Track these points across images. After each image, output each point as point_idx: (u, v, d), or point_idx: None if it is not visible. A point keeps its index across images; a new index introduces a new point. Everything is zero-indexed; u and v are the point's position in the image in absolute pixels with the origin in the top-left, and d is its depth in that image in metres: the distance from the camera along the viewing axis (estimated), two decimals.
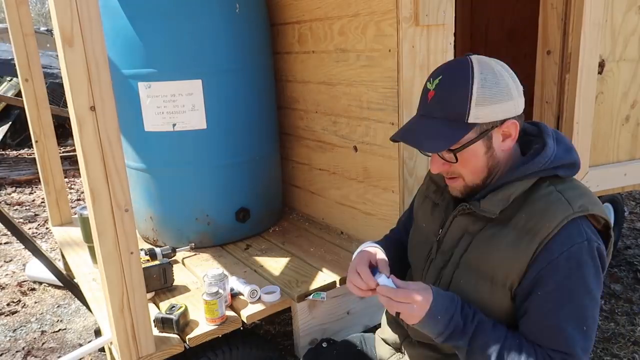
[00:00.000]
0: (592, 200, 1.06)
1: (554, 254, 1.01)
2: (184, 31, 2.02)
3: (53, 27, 1.24)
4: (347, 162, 2.22)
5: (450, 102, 1.05)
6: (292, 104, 2.52)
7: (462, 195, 1.15)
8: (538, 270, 1.02)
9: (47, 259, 2.38)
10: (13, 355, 2.45)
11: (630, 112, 2.42)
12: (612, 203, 3.06)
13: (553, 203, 1.04)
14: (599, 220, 1.07)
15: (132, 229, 1.40)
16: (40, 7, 25.78)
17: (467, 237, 1.14)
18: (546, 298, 1.03)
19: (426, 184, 1.35)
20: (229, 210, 2.26)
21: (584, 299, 1.03)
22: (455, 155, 1.07)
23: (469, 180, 1.12)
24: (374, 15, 1.86)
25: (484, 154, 1.08)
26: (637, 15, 2.28)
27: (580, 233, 1.02)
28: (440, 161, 1.11)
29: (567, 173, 1.10)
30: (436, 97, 1.07)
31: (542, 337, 1.04)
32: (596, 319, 1.06)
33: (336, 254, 2.11)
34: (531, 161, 1.08)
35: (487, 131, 1.06)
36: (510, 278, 1.05)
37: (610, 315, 2.55)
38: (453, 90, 1.05)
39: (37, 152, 2.59)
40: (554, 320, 1.03)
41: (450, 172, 1.13)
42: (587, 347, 1.04)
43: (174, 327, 1.58)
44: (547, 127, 1.17)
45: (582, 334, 1.03)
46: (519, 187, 1.07)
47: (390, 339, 1.38)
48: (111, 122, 1.31)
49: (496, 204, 1.08)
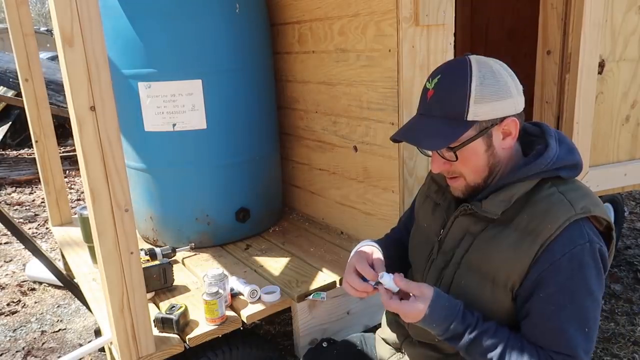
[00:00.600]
0: (594, 201, 1.06)
1: (556, 255, 1.01)
2: (184, 31, 2.02)
3: (53, 27, 1.24)
4: (347, 162, 2.22)
5: (449, 100, 1.05)
6: (292, 104, 2.52)
7: (464, 195, 1.15)
8: (539, 271, 1.02)
9: (47, 259, 2.38)
10: (13, 355, 2.45)
11: (630, 112, 2.42)
12: (612, 203, 3.06)
13: (555, 204, 1.04)
14: (601, 221, 1.07)
15: (132, 229, 1.40)
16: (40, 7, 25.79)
17: (469, 238, 1.13)
18: (548, 300, 1.02)
19: (427, 184, 1.35)
20: (229, 210, 2.26)
21: (585, 300, 1.02)
22: (455, 154, 1.07)
23: (470, 179, 1.12)
24: (374, 15, 1.86)
25: (484, 152, 1.08)
26: (637, 15, 2.28)
27: (582, 234, 1.02)
28: (440, 160, 1.11)
29: (570, 174, 1.10)
30: (435, 96, 1.07)
31: (544, 339, 1.04)
32: (597, 320, 1.06)
33: (336, 254, 2.11)
34: (533, 162, 1.08)
35: (486, 129, 1.06)
36: (511, 279, 1.05)
37: (610, 315, 2.55)
38: (452, 89, 1.05)
39: (37, 152, 2.59)
40: (555, 321, 1.02)
41: (451, 171, 1.13)
42: (588, 349, 1.04)
43: (174, 327, 1.58)
44: (549, 127, 1.17)
45: (583, 335, 1.03)
46: (521, 188, 1.07)
47: (391, 338, 1.38)
48: (111, 122, 1.31)
49: (498, 205, 1.07)
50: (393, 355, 1.38)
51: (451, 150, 1.07)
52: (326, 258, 2.07)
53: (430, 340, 1.23)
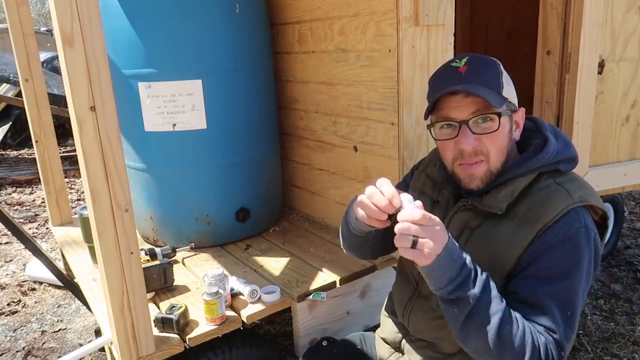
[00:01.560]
0: (591, 191, 1.08)
1: (550, 236, 1.02)
2: (184, 31, 2.02)
3: (53, 27, 1.24)
4: (347, 162, 2.22)
5: (486, 74, 1.08)
6: (292, 104, 2.52)
7: (483, 184, 1.11)
8: (533, 251, 1.03)
9: (47, 259, 2.38)
10: (13, 355, 2.45)
11: (631, 112, 2.42)
12: (612, 203, 3.06)
13: (553, 193, 1.06)
14: (597, 211, 1.08)
15: (132, 229, 1.40)
16: (40, 7, 25.78)
17: (467, 232, 1.14)
18: (536, 274, 1.02)
19: (422, 180, 1.33)
20: (229, 210, 2.26)
21: (574, 282, 1.01)
22: (499, 120, 1.06)
23: (493, 162, 1.09)
24: (374, 15, 1.86)
25: (508, 133, 1.10)
26: (637, 15, 2.28)
27: (579, 219, 1.03)
28: (472, 136, 1.07)
29: (567, 167, 1.12)
30: (471, 70, 1.08)
31: (527, 313, 1.00)
32: (579, 311, 1.03)
33: (336, 254, 2.11)
34: (535, 157, 1.10)
35: (511, 111, 1.11)
36: (507, 265, 1.05)
37: (610, 315, 2.55)
38: (486, 66, 1.10)
39: (37, 152, 2.59)
40: (540, 295, 1.00)
41: (479, 150, 1.08)
42: (569, 335, 1.01)
43: (174, 327, 1.58)
44: (543, 122, 1.19)
45: (565, 317, 1.00)
46: (522, 182, 1.09)
47: (390, 338, 1.38)
48: (111, 122, 1.31)
49: (502, 200, 1.08)
50: (392, 354, 1.38)
51: (496, 117, 1.06)
52: (326, 258, 2.07)
53: (429, 338, 1.23)
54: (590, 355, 2.26)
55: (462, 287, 0.95)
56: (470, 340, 0.99)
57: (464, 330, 0.98)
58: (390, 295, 1.44)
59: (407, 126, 1.85)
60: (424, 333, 1.24)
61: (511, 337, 0.95)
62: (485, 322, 0.95)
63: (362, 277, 1.94)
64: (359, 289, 1.96)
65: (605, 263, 3.08)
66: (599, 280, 2.89)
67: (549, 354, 0.97)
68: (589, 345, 2.32)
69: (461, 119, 1.07)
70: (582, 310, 2.57)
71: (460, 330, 0.99)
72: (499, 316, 0.95)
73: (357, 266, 1.94)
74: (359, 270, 1.92)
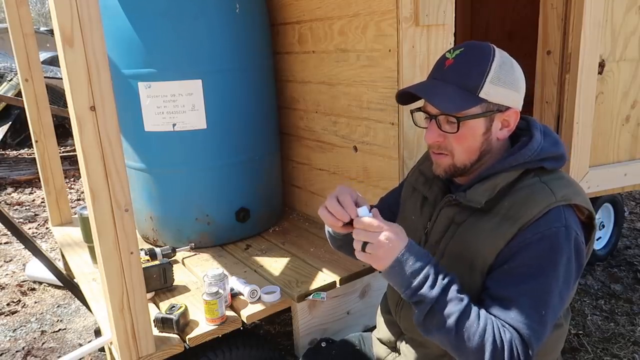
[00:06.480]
0: (576, 190, 1.07)
1: (528, 234, 1.02)
2: (184, 31, 2.02)
3: (53, 27, 1.24)
4: (347, 162, 2.22)
5: (467, 71, 1.07)
6: (292, 104, 2.52)
7: (446, 174, 1.15)
8: (511, 248, 1.03)
9: (47, 259, 2.38)
10: (13, 355, 2.45)
11: (631, 112, 2.42)
12: (612, 203, 3.06)
13: (536, 192, 1.06)
14: (583, 211, 1.07)
15: (132, 229, 1.40)
16: (40, 7, 25.78)
17: (453, 227, 1.14)
18: (510, 271, 1.02)
19: (415, 175, 1.34)
20: (229, 210, 2.26)
21: (549, 283, 1.01)
22: (458, 125, 1.07)
23: (458, 159, 1.12)
24: (374, 15, 1.86)
25: (481, 135, 1.09)
26: (637, 15, 2.28)
27: (559, 219, 1.02)
28: (437, 131, 1.11)
29: (554, 165, 1.11)
30: (454, 65, 1.09)
31: (496, 310, 1.01)
32: (557, 310, 1.03)
33: (336, 254, 2.10)
34: (517, 153, 1.10)
35: (491, 112, 1.08)
36: (488, 261, 1.06)
37: (610, 315, 2.55)
38: (472, 62, 1.08)
39: (37, 152, 2.59)
40: (511, 292, 1.01)
41: (442, 146, 1.12)
42: (539, 334, 1.00)
43: (174, 327, 1.58)
44: (535, 121, 1.19)
45: (537, 316, 0.99)
46: (504, 178, 1.09)
47: (385, 338, 1.39)
48: (111, 122, 1.31)
49: (481, 194, 1.09)
50: (389, 354, 1.38)
51: (455, 121, 1.07)
52: (326, 258, 2.07)
53: (419, 336, 1.23)
54: (590, 355, 2.26)
55: (420, 291, 0.99)
56: (432, 336, 1.03)
57: (426, 327, 1.03)
58: (385, 294, 1.44)
59: (407, 126, 1.85)
60: (414, 331, 1.24)
61: (469, 335, 0.97)
62: (443, 321, 0.99)
63: (362, 277, 1.94)
64: (359, 289, 1.96)
65: (605, 263, 3.08)
66: (599, 280, 2.89)
67: (513, 351, 0.97)
68: (589, 345, 2.32)
69: (432, 114, 1.12)
70: (582, 311, 2.58)
71: (422, 326, 1.04)
72: (456, 316, 0.98)
73: (357, 266, 1.94)
74: (359, 270, 1.92)
